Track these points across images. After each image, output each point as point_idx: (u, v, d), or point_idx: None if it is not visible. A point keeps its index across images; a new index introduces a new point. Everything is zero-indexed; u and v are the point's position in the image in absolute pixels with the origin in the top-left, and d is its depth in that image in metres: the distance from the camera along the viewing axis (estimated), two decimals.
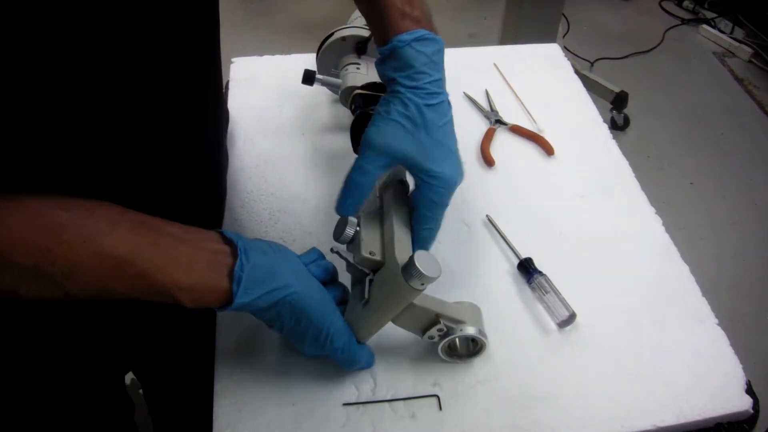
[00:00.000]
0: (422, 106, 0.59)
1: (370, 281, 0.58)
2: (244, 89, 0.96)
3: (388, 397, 0.62)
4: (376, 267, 0.58)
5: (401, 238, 0.60)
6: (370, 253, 0.58)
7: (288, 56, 1.02)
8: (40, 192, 0.50)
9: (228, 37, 0.67)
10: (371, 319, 0.58)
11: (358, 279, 0.60)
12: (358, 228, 0.59)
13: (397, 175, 0.67)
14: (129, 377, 1.27)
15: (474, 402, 0.63)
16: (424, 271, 0.53)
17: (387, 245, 0.59)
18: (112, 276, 0.48)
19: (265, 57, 1.03)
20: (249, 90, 0.96)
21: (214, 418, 0.60)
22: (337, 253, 0.60)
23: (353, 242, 0.59)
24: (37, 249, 0.45)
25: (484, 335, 0.62)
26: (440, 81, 0.61)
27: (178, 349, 0.88)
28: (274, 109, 0.93)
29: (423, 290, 0.55)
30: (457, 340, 0.63)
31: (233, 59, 1.01)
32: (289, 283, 0.54)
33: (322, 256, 0.62)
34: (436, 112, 0.60)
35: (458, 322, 0.61)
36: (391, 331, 0.67)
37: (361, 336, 0.60)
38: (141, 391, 1.11)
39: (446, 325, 0.60)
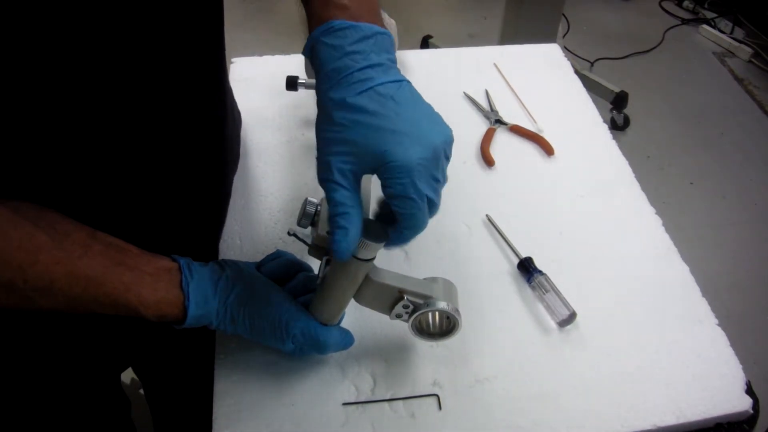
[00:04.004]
0: (343, 105, 0.50)
1: (327, 261, 0.58)
2: (244, 89, 0.96)
3: (388, 397, 0.62)
4: None
5: None
6: (328, 233, 0.57)
7: (288, 56, 1.02)
8: (38, 192, 0.51)
9: (228, 37, 0.67)
10: (328, 298, 0.58)
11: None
12: (318, 207, 0.59)
13: None
14: (129, 377, 1.28)
15: (474, 401, 0.63)
16: (362, 237, 0.51)
17: None
18: (81, 294, 0.51)
19: (265, 57, 1.03)
20: (249, 90, 0.96)
21: (213, 418, 0.60)
22: (294, 235, 0.60)
23: (314, 223, 0.59)
24: (13, 267, 0.47)
25: (456, 311, 0.59)
26: (366, 70, 0.51)
27: (178, 349, 0.88)
28: (274, 109, 0.93)
29: (369, 261, 0.54)
30: (429, 317, 0.62)
31: (233, 59, 1.01)
32: (232, 285, 0.58)
33: (284, 255, 0.65)
34: (366, 99, 0.50)
35: (425, 297, 0.59)
36: (390, 331, 0.67)
37: (324, 317, 0.59)
38: (142, 391, 1.11)
39: (411, 301, 0.59)
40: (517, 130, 0.92)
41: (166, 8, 0.53)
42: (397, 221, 0.51)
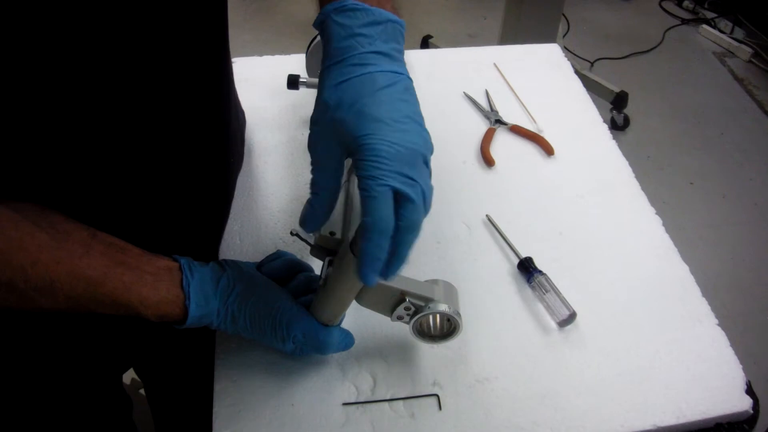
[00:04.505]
0: (337, 85, 0.50)
1: (329, 262, 0.58)
2: (244, 89, 0.96)
3: (388, 397, 0.62)
4: (337, 248, 0.57)
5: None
6: (330, 233, 0.57)
7: (288, 56, 1.02)
8: (40, 191, 0.51)
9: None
10: (330, 299, 0.58)
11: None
12: None
13: None
14: (130, 377, 1.28)
15: (473, 401, 0.63)
16: None
17: (346, 225, 0.58)
18: (82, 294, 0.51)
19: (265, 57, 1.03)
20: (249, 90, 0.96)
21: (213, 418, 0.60)
22: (297, 235, 0.60)
23: None
24: (13, 267, 0.47)
25: (457, 314, 0.59)
26: (368, 55, 0.51)
27: (178, 349, 0.88)
28: (274, 110, 0.93)
29: None
30: (430, 319, 0.62)
31: (233, 59, 1.01)
32: (233, 285, 0.58)
33: (285, 255, 0.65)
34: (359, 83, 0.50)
35: (427, 299, 0.59)
36: (390, 331, 0.67)
37: (325, 318, 0.59)
38: (142, 391, 1.11)
39: (413, 303, 0.59)
40: (517, 130, 0.92)
41: (170, 8, 0.53)
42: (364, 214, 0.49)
